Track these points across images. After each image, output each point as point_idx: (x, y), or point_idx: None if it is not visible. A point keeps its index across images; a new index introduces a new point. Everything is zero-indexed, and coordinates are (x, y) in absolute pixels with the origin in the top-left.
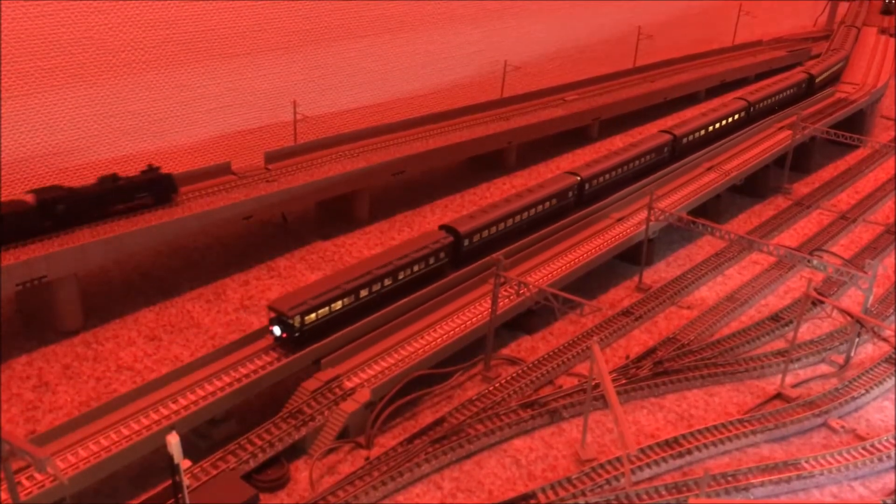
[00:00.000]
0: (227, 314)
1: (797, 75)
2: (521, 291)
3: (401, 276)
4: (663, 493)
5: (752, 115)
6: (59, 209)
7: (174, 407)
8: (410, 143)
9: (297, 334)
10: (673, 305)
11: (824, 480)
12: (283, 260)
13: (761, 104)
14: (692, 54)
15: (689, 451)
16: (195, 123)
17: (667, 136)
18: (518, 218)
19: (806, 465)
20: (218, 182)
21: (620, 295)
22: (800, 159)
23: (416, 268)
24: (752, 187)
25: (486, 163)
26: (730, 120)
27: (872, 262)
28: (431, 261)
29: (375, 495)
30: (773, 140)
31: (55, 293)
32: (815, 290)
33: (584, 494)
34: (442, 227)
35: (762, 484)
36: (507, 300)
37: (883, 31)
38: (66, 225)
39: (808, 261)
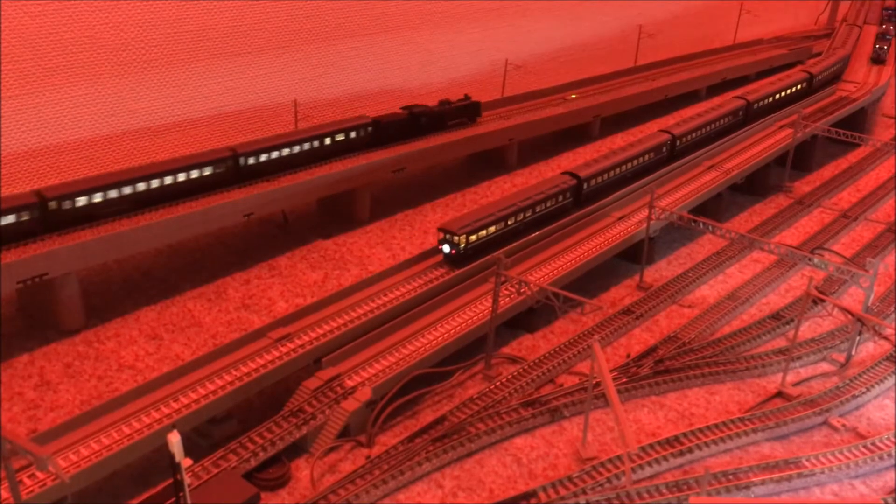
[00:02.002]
0: (227, 313)
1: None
2: (522, 290)
3: (537, 210)
4: (664, 491)
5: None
6: (422, 120)
7: (175, 406)
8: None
9: (462, 252)
10: (674, 304)
11: (825, 479)
12: (284, 259)
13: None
14: (693, 53)
15: (690, 450)
16: (195, 123)
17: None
18: (626, 167)
19: (807, 463)
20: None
21: (621, 293)
22: (801, 158)
23: (548, 203)
24: (753, 186)
25: (486, 161)
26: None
27: (873, 260)
28: (560, 199)
29: (376, 494)
30: (774, 138)
31: (56, 292)
32: (816, 288)
33: (584, 493)
34: (565, 173)
35: (763, 482)
36: (508, 299)
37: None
38: (425, 132)
39: (809, 259)
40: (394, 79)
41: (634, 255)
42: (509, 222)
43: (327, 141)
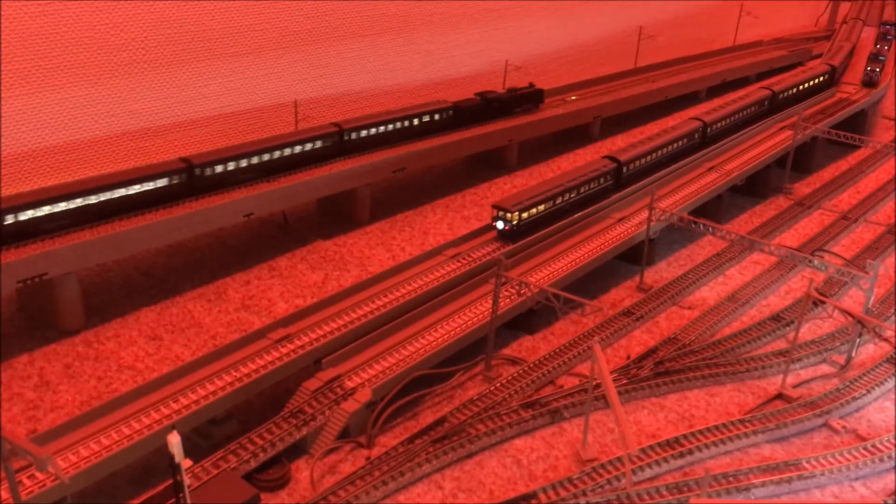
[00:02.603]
0: (227, 314)
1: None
2: (523, 291)
3: (581, 191)
4: (664, 493)
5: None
6: (494, 105)
7: (175, 406)
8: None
9: (514, 228)
10: (674, 305)
11: (825, 481)
12: (284, 259)
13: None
14: (693, 55)
15: (690, 452)
16: (195, 124)
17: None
18: (661, 152)
19: (807, 465)
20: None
21: (621, 295)
22: (801, 159)
23: (591, 185)
24: (753, 187)
25: (487, 162)
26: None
27: (874, 262)
28: (602, 181)
29: (376, 495)
30: (774, 140)
31: (56, 292)
32: (817, 290)
33: (584, 494)
34: (605, 157)
35: (763, 484)
36: (508, 300)
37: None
38: (496, 116)
39: (810, 261)
40: (394, 79)
41: (635, 256)
42: (557, 201)
43: (416, 122)
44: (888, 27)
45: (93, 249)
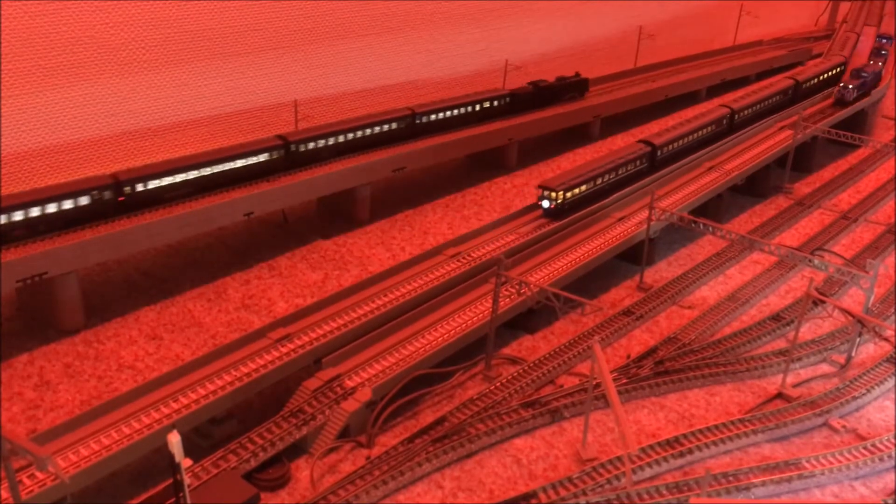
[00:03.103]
0: (227, 313)
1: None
2: (523, 291)
3: (619, 172)
4: (664, 492)
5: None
6: (545, 93)
7: (175, 406)
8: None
9: (559, 206)
10: (674, 305)
11: (825, 480)
12: (284, 259)
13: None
14: (693, 54)
15: (690, 451)
16: (195, 122)
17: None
18: (692, 136)
19: (807, 464)
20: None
21: (621, 294)
22: (801, 159)
23: (628, 167)
24: (754, 187)
25: (487, 162)
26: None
27: (874, 261)
28: (637, 163)
29: (376, 494)
30: (774, 140)
31: (56, 292)
32: (817, 289)
33: (584, 494)
34: (640, 141)
35: (763, 483)
36: (508, 299)
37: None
38: (547, 103)
39: (810, 260)
40: (395, 79)
41: (635, 256)
42: (597, 182)
43: (478, 108)
44: (884, 41)
45: (93, 249)
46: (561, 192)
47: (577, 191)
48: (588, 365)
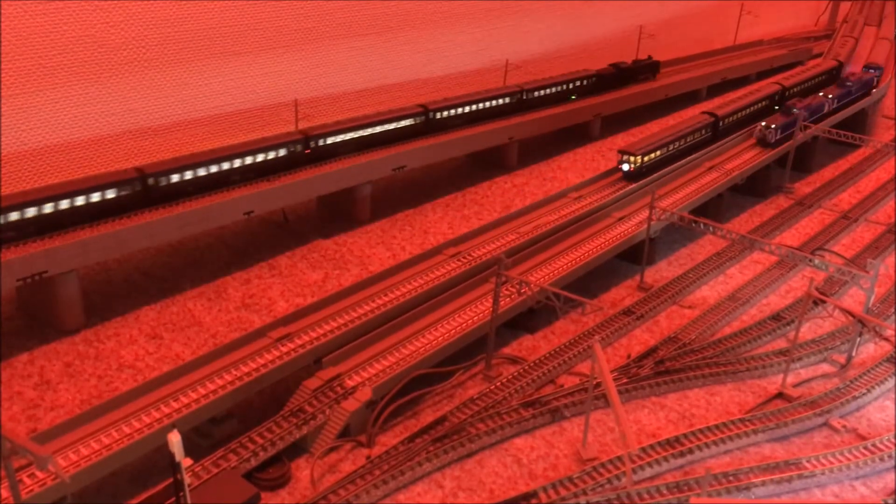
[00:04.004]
0: (228, 313)
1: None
2: (523, 290)
3: (688, 140)
4: (664, 492)
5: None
6: (624, 74)
7: (175, 405)
8: None
9: (637, 169)
10: (674, 305)
11: (825, 480)
12: (284, 258)
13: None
14: (694, 54)
15: (691, 451)
16: (196, 121)
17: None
18: (748, 110)
19: (807, 464)
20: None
21: (622, 294)
22: (801, 159)
23: (695, 135)
24: (754, 187)
25: (487, 161)
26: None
27: (874, 261)
28: (703, 132)
29: (376, 494)
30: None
31: (56, 291)
32: (817, 289)
33: (585, 493)
34: (704, 112)
35: (763, 483)
36: (508, 299)
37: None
38: (625, 83)
39: (810, 260)
40: (395, 78)
41: (635, 255)
42: (669, 148)
43: (570, 86)
44: (849, 84)
45: (93, 248)
46: (639, 156)
47: (652, 155)
48: (588, 364)
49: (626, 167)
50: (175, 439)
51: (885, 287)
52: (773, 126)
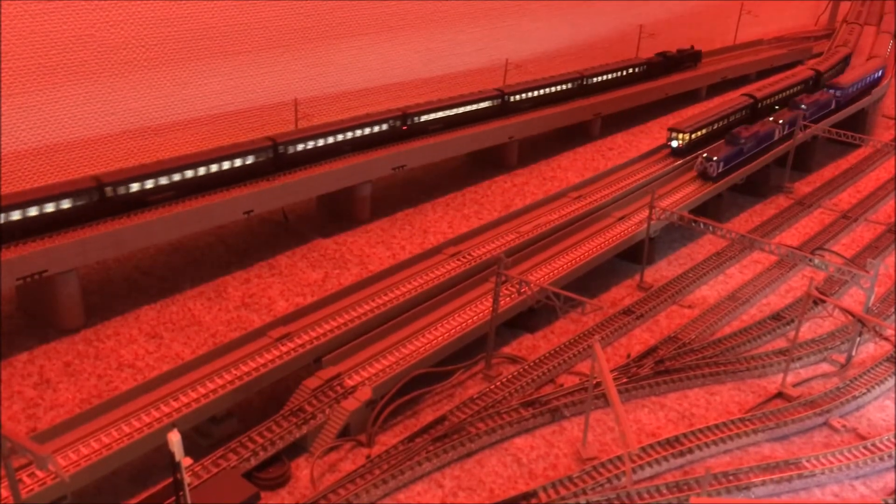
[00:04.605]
0: (228, 312)
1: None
2: (523, 290)
3: (730, 119)
4: (664, 491)
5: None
6: (670, 62)
7: (175, 405)
8: None
9: (685, 145)
10: (674, 304)
11: (825, 479)
12: (284, 258)
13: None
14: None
15: (691, 450)
16: (196, 121)
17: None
18: (785, 94)
19: (807, 464)
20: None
21: (622, 294)
22: (801, 158)
23: (736, 116)
24: (754, 186)
25: (487, 161)
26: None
27: (874, 261)
28: (743, 113)
29: (376, 493)
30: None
31: (56, 290)
32: (817, 289)
33: (585, 493)
34: (744, 94)
35: (763, 483)
36: (508, 298)
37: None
38: (671, 71)
39: (810, 260)
40: (394, 77)
41: (635, 255)
42: (714, 127)
43: (623, 73)
44: (802, 108)
45: (93, 247)
46: (688, 134)
47: (699, 133)
48: (588, 364)
49: (674, 144)
50: (175, 439)
51: (884, 287)
52: (714, 158)
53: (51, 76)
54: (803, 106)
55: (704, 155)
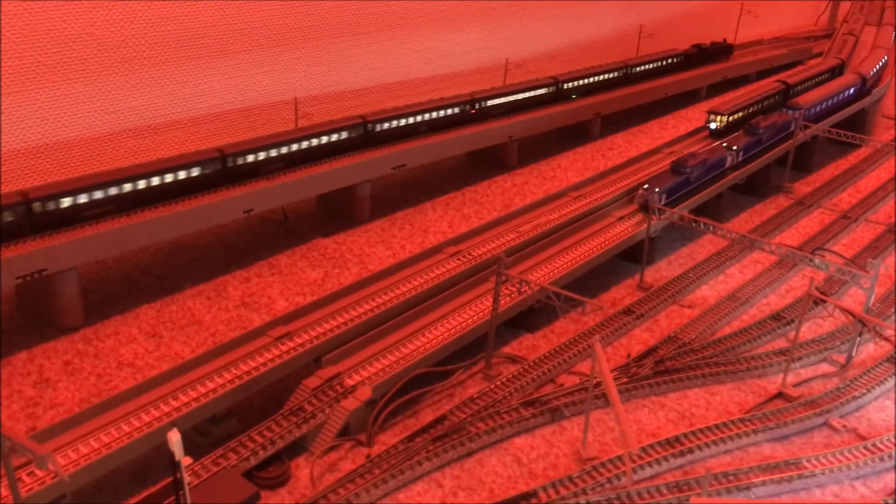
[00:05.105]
0: (227, 311)
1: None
2: (523, 289)
3: (764, 104)
4: (664, 491)
5: None
6: (705, 54)
7: (175, 404)
8: None
9: (723, 127)
10: (674, 304)
11: (825, 480)
12: (284, 257)
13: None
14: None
15: (691, 450)
16: (196, 120)
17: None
18: (815, 80)
19: (807, 464)
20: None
21: (622, 293)
22: (801, 158)
23: (770, 101)
24: (754, 186)
25: (487, 161)
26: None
27: (874, 261)
28: (776, 98)
29: (376, 493)
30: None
31: (56, 289)
32: (817, 289)
33: (585, 493)
34: (777, 80)
35: (763, 483)
36: (508, 298)
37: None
38: (707, 62)
39: (810, 260)
40: (395, 76)
41: (635, 255)
42: (749, 110)
43: (664, 63)
44: (759, 132)
45: (92, 246)
46: (726, 116)
47: (736, 115)
48: (588, 364)
49: (713, 125)
50: (175, 438)
51: (885, 287)
52: (657, 190)
53: (50, 74)
54: (760, 130)
55: (645, 185)
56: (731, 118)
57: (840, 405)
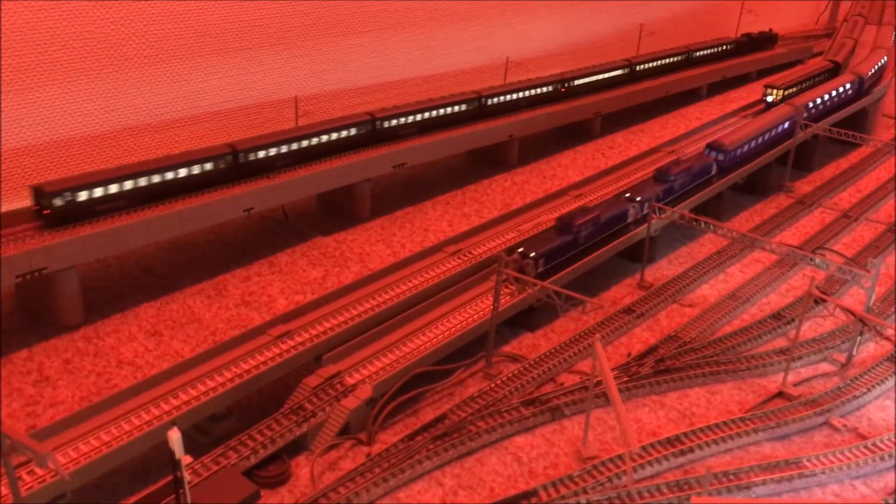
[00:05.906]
0: (227, 310)
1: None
2: (523, 289)
3: (815, 80)
4: (665, 491)
5: None
6: (753, 42)
7: (175, 402)
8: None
9: (780, 100)
10: (675, 303)
11: (826, 479)
12: (284, 256)
13: None
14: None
15: (691, 450)
16: (196, 118)
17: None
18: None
19: (808, 463)
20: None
21: (622, 292)
22: (802, 157)
23: (820, 77)
24: (754, 185)
25: (487, 159)
26: None
27: (875, 260)
28: (825, 76)
29: (376, 492)
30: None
31: (56, 288)
32: (818, 288)
33: (585, 492)
34: (827, 59)
35: (764, 482)
36: (509, 297)
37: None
38: (754, 50)
39: (810, 259)
40: (395, 75)
41: (635, 254)
42: (803, 85)
43: (717, 50)
44: (671, 179)
45: (92, 244)
46: (782, 90)
47: (791, 90)
48: (589, 363)
49: (769, 98)
50: (175, 436)
51: (885, 286)
52: (531, 255)
53: (51, 73)
54: (671, 177)
55: (521, 250)
56: (786, 92)
57: (840, 404)
